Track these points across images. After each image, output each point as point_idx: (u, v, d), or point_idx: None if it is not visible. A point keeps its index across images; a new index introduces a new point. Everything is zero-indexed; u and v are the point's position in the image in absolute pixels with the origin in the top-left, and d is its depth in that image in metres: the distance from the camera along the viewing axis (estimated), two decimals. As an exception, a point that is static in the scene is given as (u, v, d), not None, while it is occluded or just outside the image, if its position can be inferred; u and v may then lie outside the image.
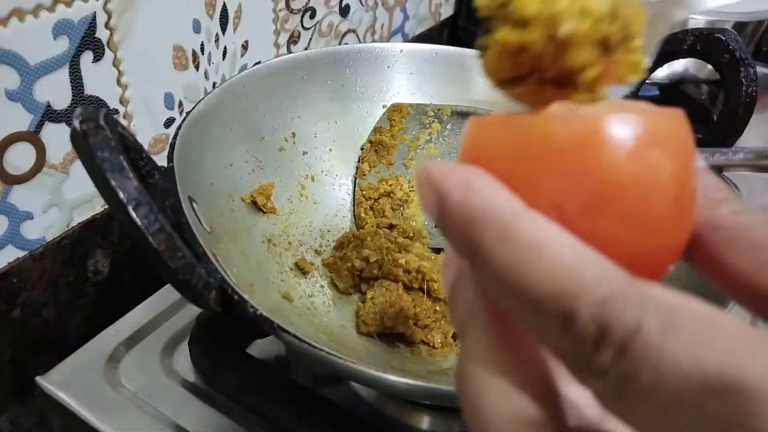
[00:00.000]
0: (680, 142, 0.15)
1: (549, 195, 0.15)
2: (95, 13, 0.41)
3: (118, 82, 0.45)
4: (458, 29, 0.88)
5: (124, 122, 0.47)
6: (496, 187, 0.15)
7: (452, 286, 0.17)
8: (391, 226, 0.49)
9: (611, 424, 0.16)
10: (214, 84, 0.54)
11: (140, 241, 0.27)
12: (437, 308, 0.44)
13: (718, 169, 0.38)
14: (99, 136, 0.26)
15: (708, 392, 0.12)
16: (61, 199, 0.44)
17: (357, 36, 0.70)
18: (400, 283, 0.44)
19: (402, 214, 0.50)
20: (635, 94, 0.50)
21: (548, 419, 0.14)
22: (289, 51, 0.61)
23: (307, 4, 0.61)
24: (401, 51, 0.54)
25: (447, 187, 0.15)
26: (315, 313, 0.43)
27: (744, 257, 0.16)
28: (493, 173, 0.15)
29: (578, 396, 0.17)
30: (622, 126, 0.15)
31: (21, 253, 0.43)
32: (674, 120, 0.16)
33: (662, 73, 0.72)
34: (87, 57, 0.42)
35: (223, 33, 0.53)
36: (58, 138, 0.42)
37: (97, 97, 0.44)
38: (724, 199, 0.16)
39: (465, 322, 0.16)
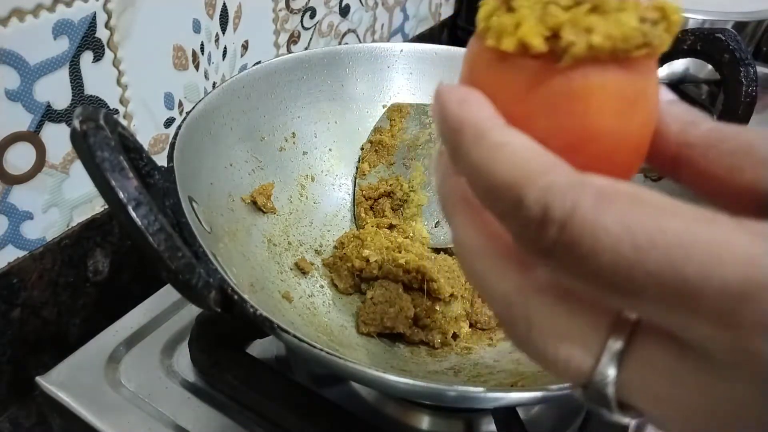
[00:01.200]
0: (649, 97, 0.19)
1: (538, 132, 0.18)
2: (95, 13, 0.41)
3: (118, 82, 0.45)
4: (458, 29, 0.88)
5: (124, 122, 0.47)
6: (484, 105, 0.18)
7: (440, 180, 0.21)
8: (391, 226, 0.49)
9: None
10: (214, 84, 0.54)
11: (140, 241, 0.27)
12: (437, 308, 0.44)
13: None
14: (99, 136, 0.26)
15: (637, 250, 0.14)
16: (61, 199, 0.44)
17: (357, 36, 0.70)
18: (400, 283, 0.44)
19: (402, 214, 0.50)
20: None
21: (522, 279, 0.18)
22: (289, 51, 0.61)
23: (307, 4, 0.61)
24: (401, 51, 0.54)
25: (448, 99, 0.18)
26: (315, 313, 0.43)
27: (717, 164, 0.18)
28: (495, 104, 0.18)
29: None
30: (608, 84, 0.18)
31: (21, 253, 0.43)
32: (648, 77, 0.18)
33: (662, 73, 0.72)
34: (87, 57, 0.42)
35: (223, 33, 0.53)
36: (58, 138, 0.42)
37: (97, 97, 0.44)
38: (693, 121, 0.19)
39: (449, 209, 0.20)
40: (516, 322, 0.18)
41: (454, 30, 0.88)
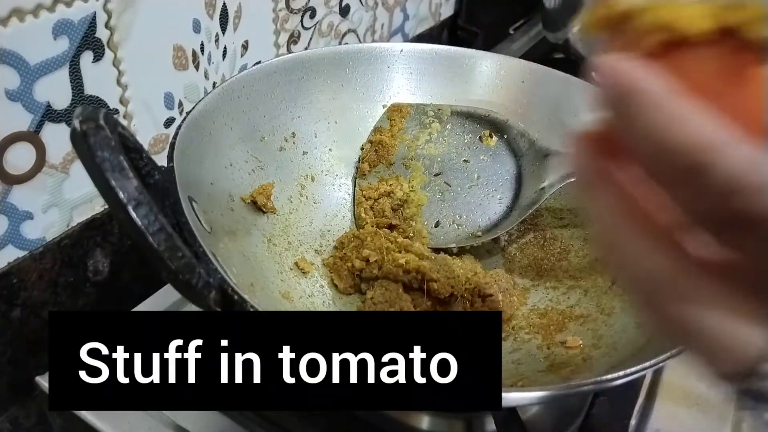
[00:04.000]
0: None
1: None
2: (95, 13, 0.41)
3: (118, 82, 0.45)
4: (458, 29, 0.88)
5: (124, 122, 0.47)
6: (660, 76, 0.16)
7: (584, 159, 0.19)
8: (391, 226, 0.49)
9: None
10: (214, 84, 0.54)
11: (140, 241, 0.27)
12: (437, 308, 0.44)
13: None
14: (99, 136, 0.26)
15: None
16: (61, 199, 0.44)
17: (357, 36, 0.71)
18: (400, 283, 0.44)
19: (402, 214, 0.50)
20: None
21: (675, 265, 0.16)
22: (289, 51, 0.61)
23: (307, 4, 0.61)
24: (401, 51, 0.54)
25: (622, 65, 0.17)
26: (315, 313, 0.43)
27: None
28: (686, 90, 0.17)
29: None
30: None
31: (21, 253, 0.43)
32: None
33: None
34: (87, 57, 0.42)
35: (223, 33, 0.53)
36: (58, 138, 0.42)
37: (97, 97, 0.44)
38: None
39: (593, 188, 0.19)
40: (666, 301, 0.16)
41: (454, 30, 0.88)
